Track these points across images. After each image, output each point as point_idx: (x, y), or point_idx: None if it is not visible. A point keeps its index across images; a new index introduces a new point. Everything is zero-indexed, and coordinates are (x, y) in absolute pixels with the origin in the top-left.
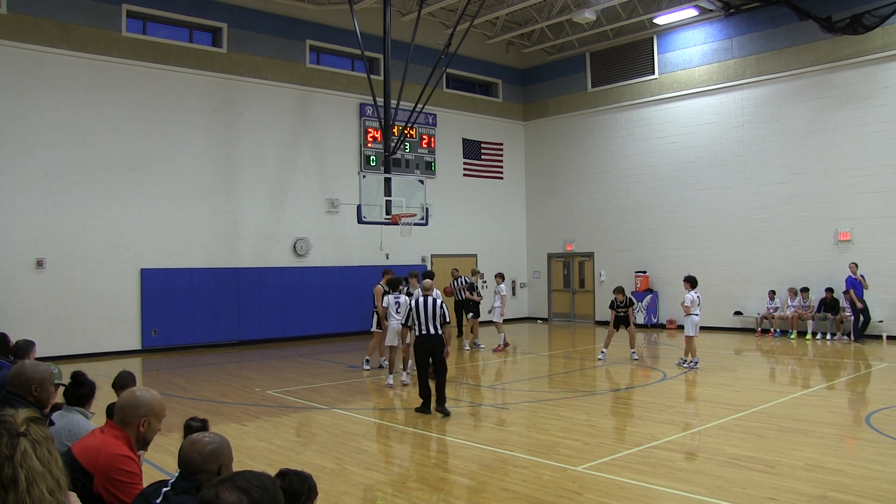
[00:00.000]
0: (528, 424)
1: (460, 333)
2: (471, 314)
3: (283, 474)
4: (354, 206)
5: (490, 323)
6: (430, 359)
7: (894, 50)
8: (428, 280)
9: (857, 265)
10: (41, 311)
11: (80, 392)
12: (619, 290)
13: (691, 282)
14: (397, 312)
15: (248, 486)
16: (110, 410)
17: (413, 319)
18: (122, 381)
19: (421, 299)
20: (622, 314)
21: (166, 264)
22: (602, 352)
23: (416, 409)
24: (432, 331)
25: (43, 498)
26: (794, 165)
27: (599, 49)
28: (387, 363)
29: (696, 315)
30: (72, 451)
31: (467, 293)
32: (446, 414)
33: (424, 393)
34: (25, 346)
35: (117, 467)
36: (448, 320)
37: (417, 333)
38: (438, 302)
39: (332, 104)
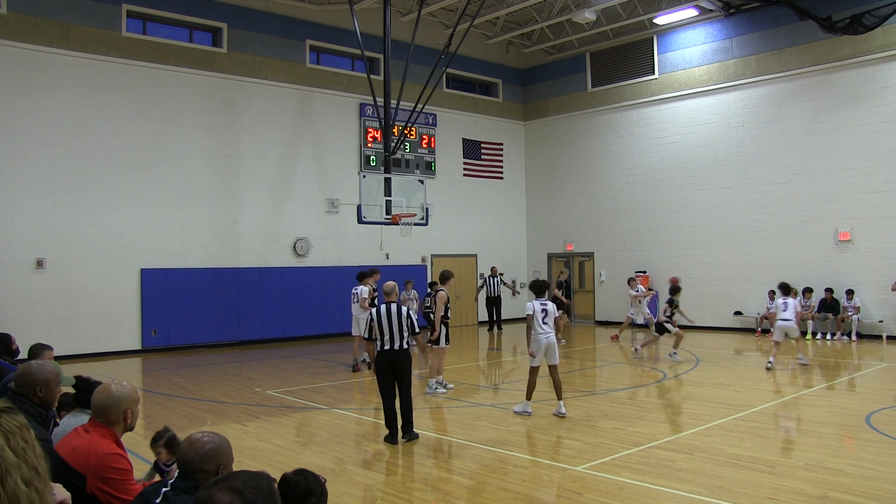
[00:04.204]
0: (528, 424)
1: (491, 328)
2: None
3: (302, 471)
4: (354, 206)
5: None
6: (395, 379)
7: (894, 50)
8: (390, 283)
9: None
10: (41, 311)
11: (83, 396)
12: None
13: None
14: (544, 322)
15: (241, 487)
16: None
17: (375, 332)
18: (35, 352)
19: (384, 307)
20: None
21: (166, 264)
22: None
23: (385, 439)
24: (396, 346)
25: (17, 489)
26: (794, 165)
27: (599, 49)
28: (361, 363)
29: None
30: (59, 453)
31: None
32: (413, 438)
33: (391, 421)
34: (40, 352)
35: (109, 466)
36: (417, 330)
37: (379, 348)
38: (404, 310)
39: (332, 104)
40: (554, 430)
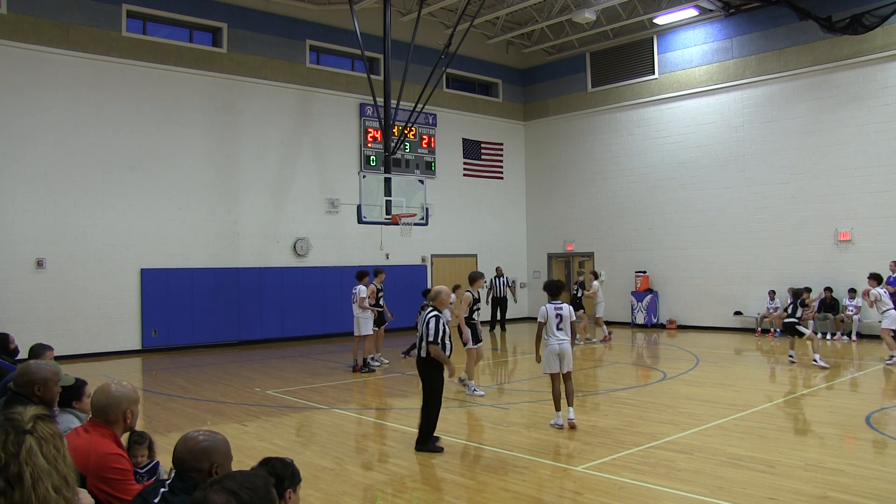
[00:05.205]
0: (528, 424)
1: (493, 328)
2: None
3: (266, 461)
4: (354, 206)
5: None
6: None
7: (894, 50)
8: (436, 287)
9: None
10: (41, 311)
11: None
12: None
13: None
14: (559, 328)
15: (237, 488)
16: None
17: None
18: (36, 352)
19: (422, 313)
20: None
21: (166, 264)
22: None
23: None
24: (422, 353)
25: (48, 495)
26: (794, 165)
27: (599, 49)
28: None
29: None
30: None
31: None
32: (426, 450)
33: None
34: (40, 352)
35: (110, 466)
36: (433, 339)
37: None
38: (429, 317)
39: (333, 104)
40: (554, 430)
